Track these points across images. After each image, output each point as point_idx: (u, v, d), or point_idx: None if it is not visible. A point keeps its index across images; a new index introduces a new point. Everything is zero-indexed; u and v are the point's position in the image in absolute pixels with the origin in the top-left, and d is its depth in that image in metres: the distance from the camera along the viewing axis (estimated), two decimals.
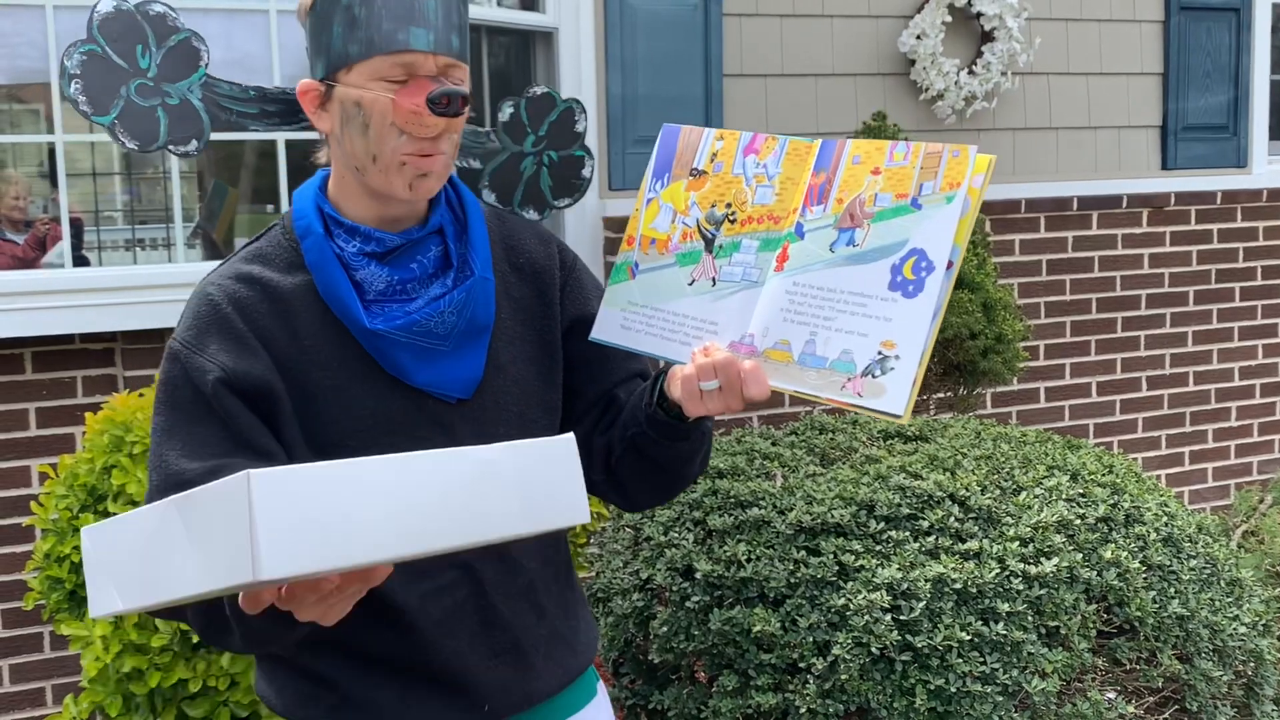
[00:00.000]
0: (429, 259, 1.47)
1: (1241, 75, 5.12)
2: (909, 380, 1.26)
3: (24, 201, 5.22)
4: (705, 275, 1.42)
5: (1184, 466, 5.25)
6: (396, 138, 1.38)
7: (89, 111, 1.87)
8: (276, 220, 1.53)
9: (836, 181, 1.35)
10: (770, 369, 1.34)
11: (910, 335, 1.26)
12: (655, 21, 4.13)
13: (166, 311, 3.51)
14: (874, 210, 1.31)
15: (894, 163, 1.32)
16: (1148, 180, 5.01)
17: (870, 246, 1.31)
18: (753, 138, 1.42)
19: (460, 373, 1.47)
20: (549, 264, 1.58)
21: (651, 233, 1.47)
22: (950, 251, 1.27)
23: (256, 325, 1.41)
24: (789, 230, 1.37)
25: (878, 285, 1.29)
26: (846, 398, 1.29)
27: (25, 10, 3.63)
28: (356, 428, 1.42)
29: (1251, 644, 2.71)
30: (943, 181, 1.28)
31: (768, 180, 1.40)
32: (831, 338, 1.31)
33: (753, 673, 2.47)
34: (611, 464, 1.57)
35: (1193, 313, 5.19)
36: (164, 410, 1.41)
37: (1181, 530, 2.81)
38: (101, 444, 2.53)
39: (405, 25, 1.36)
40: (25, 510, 3.46)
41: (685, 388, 1.38)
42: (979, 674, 2.36)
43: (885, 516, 2.59)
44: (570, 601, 1.62)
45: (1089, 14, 4.85)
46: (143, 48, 1.89)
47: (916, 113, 4.55)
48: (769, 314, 1.35)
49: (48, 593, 2.52)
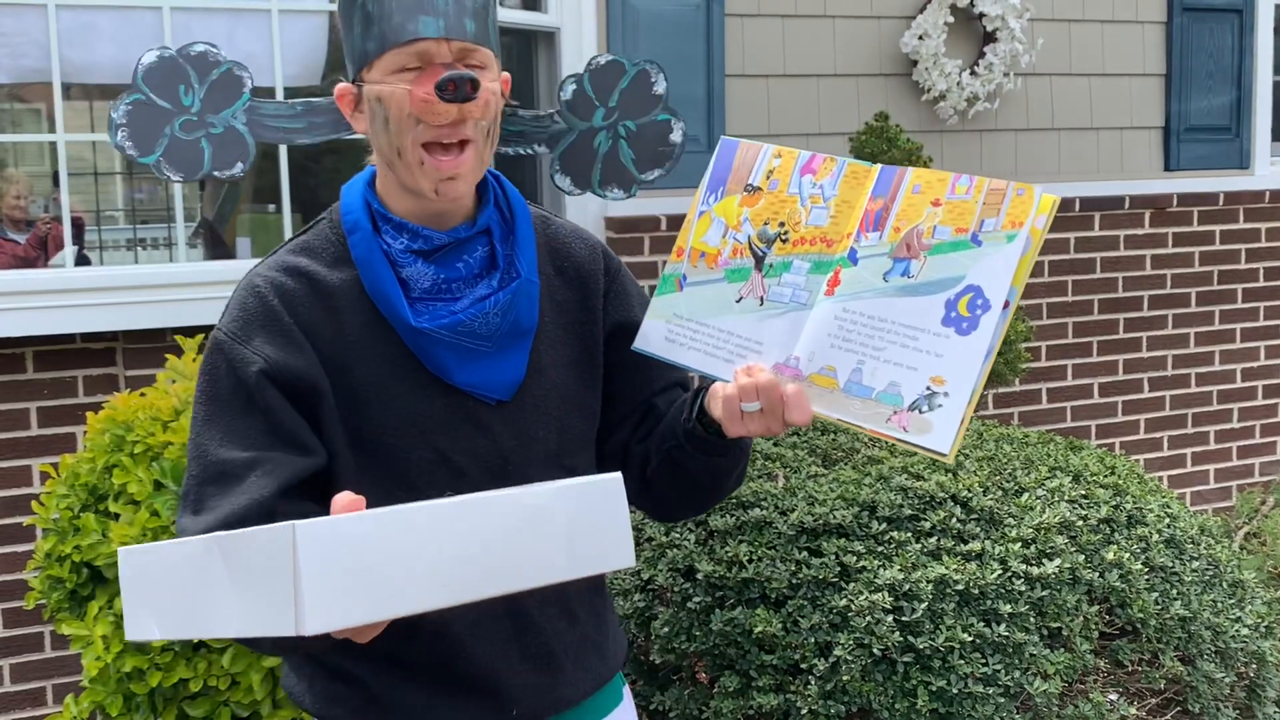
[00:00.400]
0: (475, 259, 1.46)
1: (1244, 76, 5.11)
2: (957, 419, 1.24)
3: (25, 201, 5.22)
4: (753, 293, 1.39)
5: (1186, 468, 5.25)
6: (414, 127, 1.37)
7: (134, 155, 1.97)
8: (324, 214, 1.52)
9: (895, 209, 1.32)
10: (814, 394, 1.32)
11: (961, 373, 1.24)
12: (657, 22, 4.13)
13: (168, 311, 3.51)
14: (932, 242, 1.29)
15: (955, 195, 1.30)
16: (1150, 181, 5.01)
17: (925, 279, 1.29)
18: (811, 157, 1.40)
19: (502, 375, 1.46)
20: (594, 269, 1.57)
21: (702, 246, 1.44)
22: (1008, 292, 1.25)
23: (301, 319, 1.41)
24: (842, 255, 1.34)
25: (931, 319, 1.27)
26: (891, 431, 1.27)
27: (27, 9, 3.62)
28: (397, 425, 1.43)
29: (1254, 646, 2.71)
30: (1005, 220, 1.26)
31: (823, 201, 1.37)
32: (879, 368, 1.29)
33: (754, 674, 2.46)
34: (647, 474, 1.57)
35: (1195, 314, 5.19)
36: (205, 401, 1.41)
37: (1184, 532, 2.81)
38: (103, 443, 2.53)
39: (414, 15, 1.36)
40: (26, 510, 3.45)
41: (726, 408, 1.36)
42: (981, 675, 2.36)
43: (887, 517, 2.59)
44: (600, 608, 1.62)
45: (1091, 15, 4.85)
46: (185, 87, 1.97)
47: (918, 113, 4.54)
48: (816, 338, 1.33)
49: (48, 592, 2.51)
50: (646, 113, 2.12)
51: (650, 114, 2.12)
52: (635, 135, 2.13)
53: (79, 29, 3.74)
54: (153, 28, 3.72)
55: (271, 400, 1.38)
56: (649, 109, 2.11)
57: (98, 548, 2.38)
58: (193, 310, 3.52)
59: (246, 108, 1.97)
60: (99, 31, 3.79)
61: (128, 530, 2.31)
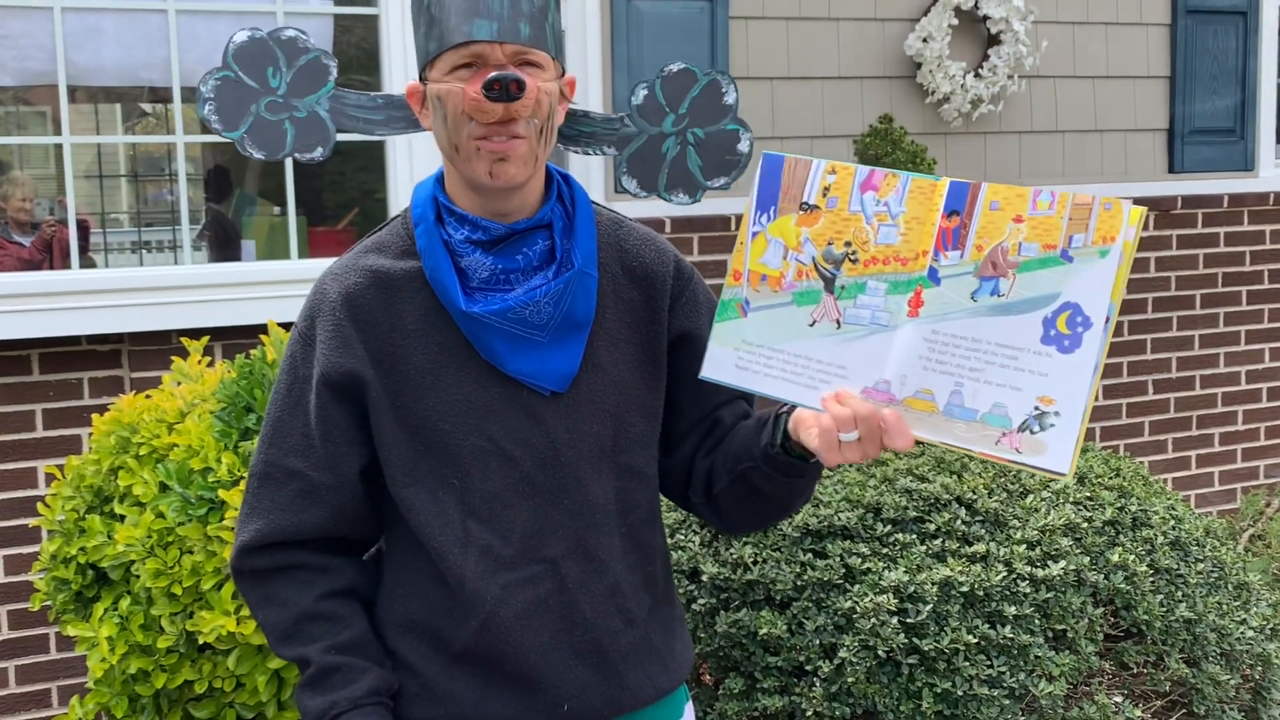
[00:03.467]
0: (535, 252, 1.50)
1: (1248, 79, 5.11)
2: (1073, 438, 1.23)
3: (31, 204, 5.23)
4: (828, 316, 1.37)
5: (1191, 470, 5.24)
6: (467, 124, 1.42)
7: (220, 128, 2.02)
8: (399, 212, 1.59)
9: (974, 227, 1.30)
10: (912, 418, 1.31)
11: (1071, 392, 1.24)
12: (661, 24, 4.14)
13: (173, 313, 3.52)
14: (1019, 260, 1.28)
15: (1038, 211, 1.28)
16: (1154, 183, 5.01)
17: (1017, 297, 1.27)
18: (870, 173, 1.37)
19: (555, 365, 1.48)
20: (662, 271, 1.58)
21: (761, 268, 1.41)
22: (1107, 308, 1.24)
23: (359, 315, 1.48)
24: (920, 274, 1.32)
25: (1029, 338, 1.26)
26: (1003, 453, 1.27)
27: (33, 12, 3.63)
28: (450, 411, 1.47)
29: (1259, 648, 2.71)
30: (1095, 235, 1.25)
31: (891, 219, 1.35)
32: (980, 390, 1.28)
33: (759, 675, 2.46)
34: (714, 492, 1.58)
35: (1199, 316, 5.19)
36: (275, 390, 1.55)
37: (1189, 534, 2.81)
38: (108, 445, 2.53)
39: (470, 18, 1.41)
40: (32, 511, 3.46)
41: (824, 439, 1.35)
42: (986, 677, 2.36)
43: (892, 519, 2.59)
44: (668, 617, 1.62)
45: (1095, 17, 4.85)
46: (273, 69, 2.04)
47: (923, 116, 4.54)
48: (906, 361, 1.32)
49: (54, 594, 2.52)
50: (716, 121, 2.15)
51: (720, 123, 2.15)
52: (703, 143, 2.16)
53: (85, 32, 3.75)
54: (158, 31, 3.73)
55: (324, 401, 1.48)
56: (719, 118, 2.15)
57: (103, 549, 2.39)
58: (198, 312, 3.53)
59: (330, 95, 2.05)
60: (104, 35, 3.80)
61: (133, 532, 2.32)
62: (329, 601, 1.50)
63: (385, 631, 1.54)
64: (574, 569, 1.50)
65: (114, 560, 2.37)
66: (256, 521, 1.51)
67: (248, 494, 1.54)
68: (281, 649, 1.50)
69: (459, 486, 1.47)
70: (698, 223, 4.16)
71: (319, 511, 1.50)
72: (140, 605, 2.35)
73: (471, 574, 1.46)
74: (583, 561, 1.51)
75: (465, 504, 1.47)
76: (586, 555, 1.51)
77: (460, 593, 1.47)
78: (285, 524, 1.50)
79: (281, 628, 1.50)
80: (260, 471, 1.52)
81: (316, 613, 1.49)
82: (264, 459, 1.52)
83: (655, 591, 1.60)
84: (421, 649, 1.51)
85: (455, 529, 1.47)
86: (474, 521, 1.47)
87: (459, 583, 1.46)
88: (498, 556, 1.47)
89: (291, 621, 1.50)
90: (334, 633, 1.49)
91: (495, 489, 1.47)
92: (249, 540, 1.51)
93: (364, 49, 4.83)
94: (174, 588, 2.29)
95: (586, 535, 1.50)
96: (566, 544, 1.49)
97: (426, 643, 1.51)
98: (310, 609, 1.49)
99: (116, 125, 6.99)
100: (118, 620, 2.35)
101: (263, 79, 1.99)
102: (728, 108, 2.14)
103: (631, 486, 1.55)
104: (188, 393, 2.59)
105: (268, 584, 1.52)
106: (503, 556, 1.47)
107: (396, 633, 1.53)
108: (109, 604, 2.40)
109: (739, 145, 2.15)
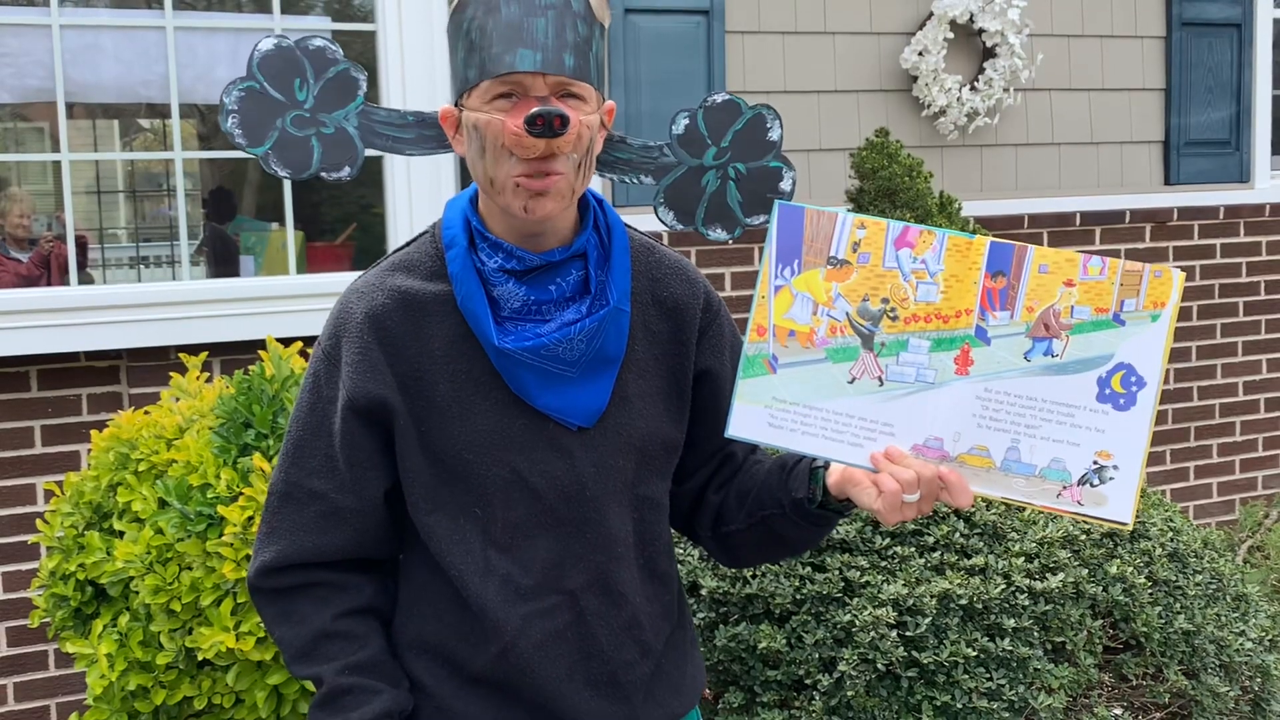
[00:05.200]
0: (568, 283, 1.47)
1: (1243, 90, 5.13)
2: (1132, 490, 1.32)
3: (29, 220, 5.23)
4: (869, 374, 1.38)
5: (1189, 481, 5.24)
6: (508, 159, 1.39)
7: (244, 144, 1.92)
8: (428, 228, 1.55)
9: (1022, 289, 1.36)
10: (969, 474, 1.35)
11: (1129, 447, 1.32)
12: (658, 39, 4.15)
13: (171, 329, 3.52)
14: (1072, 322, 1.34)
15: (1089, 276, 1.35)
16: (1150, 195, 5.02)
17: (1071, 358, 1.34)
18: (905, 229, 1.38)
19: (584, 401, 1.46)
20: (692, 303, 1.56)
21: (788, 324, 1.40)
22: (1159, 368, 1.32)
23: (385, 337, 1.46)
24: (966, 332, 1.36)
25: (1085, 396, 1.33)
26: (1064, 505, 1.34)
27: (32, 29, 3.64)
28: (475, 441, 1.45)
29: (1258, 659, 2.71)
30: (1145, 300, 1.33)
31: (929, 277, 1.37)
32: (1037, 445, 1.34)
33: (759, 689, 2.46)
34: (724, 529, 1.58)
35: (1196, 327, 5.19)
36: (297, 407, 1.53)
37: (1187, 545, 2.81)
38: (107, 461, 2.53)
39: (514, 47, 1.36)
40: (31, 528, 3.46)
41: (888, 501, 1.35)
42: (985, 690, 2.36)
43: (891, 532, 2.59)
44: (680, 641, 1.62)
45: (1091, 30, 4.86)
46: (300, 81, 1.95)
47: (919, 129, 4.56)
48: (958, 418, 1.36)
49: (53, 610, 2.52)
50: (759, 157, 2.08)
51: (763, 159, 2.08)
52: (745, 178, 2.08)
53: (83, 49, 3.76)
54: (156, 48, 3.74)
55: (348, 423, 1.46)
56: (762, 154, 2.08)
57: (102, 566, 2.39)
58: (196, 328, 3.53)
59: (359, 111, 1.97)
60: (103, 51, 3.81)
61: (132, 548, 2.32)
62: (346, 620, 1.49)
63: (400, 651, 1.53)
64: (594, 602, 1.49)
65: (113, 577, 2.37)
66: (278, 542, 1.49)
67: (267, 513, 1.52)
68: (297, 667, 1.49)
69: (481, 516, 1.46)
70: (695, 236, 4.17)
71: (342, 534, 1.48)
72: (139, 622, 2.35)
73: (492, 603, 1.45)
74: (602, 595, 1.50)
75: (487, 533, 1.46)
76: (606, 588, 1.50)
77: (481, 620, 1.46)
78: (307, 545, 1.48)
79: (298, 645, 1.49)
80: (281, 491, 1.50)
81: (334, 631, 1.48)
82: (285, 478, 1.50)
83: (671, 619, 1.59)
84: (436, 670, 1.50)
85: (476, 557, 1.46)
86: (495, 551, 1.46)
87: (480, 610, 1.45)
88: (518, 586, 1.46)
89: (308, 639, 1.48)
90: (350, 652, 1.48)
91: (517, 520, 1.46)
92: (270, 560, 1.49)
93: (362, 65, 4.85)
94: (173, 604, 2.29)
95: (607, 568, 1.49)
96: (587, 577, 1.48)
97: (441, 665, 1.50)
98: (328, 627, 1.48)
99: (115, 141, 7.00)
100: (117, 637, 2.35)
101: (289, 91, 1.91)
102: (772, 144, 2.06)
103: (650, 518, 1.54)
104: (186, 409, 2.59)
105: (286, 601, 1.50)
106: (522, 587, 1.46)
107: (411, 653, 1.52)
108: (108, 620, 2.40)
109: (781, 184, 2.08)
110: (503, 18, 1.37)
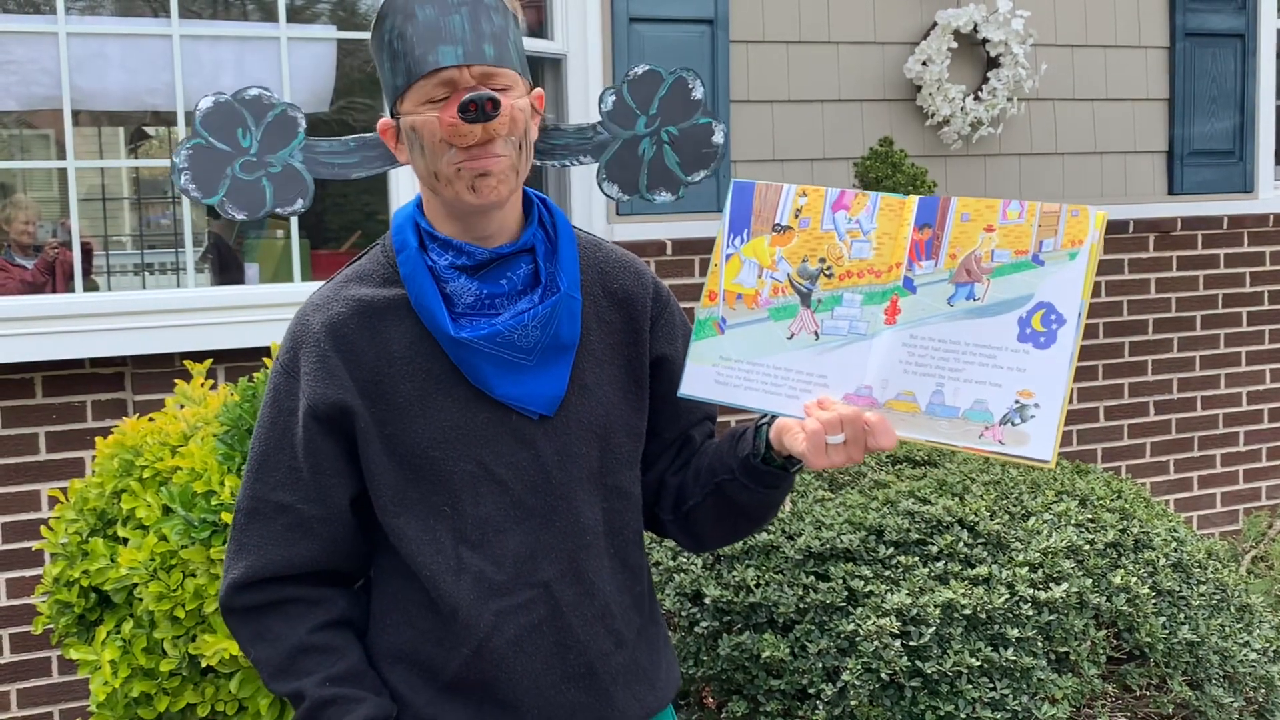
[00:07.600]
0: (518, 276, 1.51)
1: (1247, 101, 5.13)
2: (1053, 428, 1.32)
3: (34, 226, 5.24)
4: (806, 329, 1.43)
5: (1192, 491, 5.24)
6: (447, 150, 1.43)
7: (199, 196, 2.07)
8: (378, 241, 1.59)
9: (946, 238, 1.39)
10: (895, 419, 1.37)
11: (1049, 384, 1.33)
12: (662, 48, 4.16)
13: (176, 336, 3.53)
14: (993, 265, 1.36)
15: (1008, 221, 1.37)
16: (1154, 205, 5.02)
17: (992, 300, 1.36)
18: (841, 194, 1.45)
19: (543, 388, 1.50)
20: (641, 293, 1.61)
21: (736, 288, 1.47)
22: (1079, 305, 1.33)
23: (343, 345, 1.48)
24: (895, 284, 1.40)
25: (1006, 337, 1.35)
26: (986, 445, 1.34)
27: (38, 37, 3.66)
28: (439, 437, 1.47)
29: (1262, 670, 2.70)
30: (1064, 239, 1.35)
31: (863, 235, 1.42)
32: (961, 388, 1.35)
33: (762, 699, 2.46)
34: (684, 508, 1.60)
35: (1200, 337, 5.19)
36: (259, 424, 1.54)
37: (1191, 556, 2.81)
38: (111, 468, 2.54)
39: (435, 46, 1.42)
40: (35, 534, 3.46)
41: (811, 442, 1.38)
42: (989, 700, 2.35)
43: (894, 542, 2.59)
44: (654, 636, 1.63)
45: (1094, 40, 4.87)
46: (243, 130, 2.09)
47: (923, 138, 4.56)
48: (886, 366, 1.38)
49: (56, 617, 2.52)
50: (687, 117, 2.20)
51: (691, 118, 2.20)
52: (678, 140, 2.20)
53: (89, 57, 3.77)
54: (162, 56, 3.75)
55: (311, 434, 1.48)
56: (690, 114, 2.21)
57: (106, 573, 2.39)
58: (201, 335, 3.54)
59: (302, 146, 2.08)
60: (109, 59, 3.82)
61: (136, 555, 2.32)
62: (322, 634, 1.50)
63: (375, 663, 1.53)
64: (567, 592, 1.51)
65: (117, 583, 2.38)
66: (247, 558, 1.50)
67: (234, 531, 1.52)
68: (275, 685, 1.49)
69: (450, 513, 1.48)
70: (699, 245, 4.18)
71: (310, 545, 1.49)
72: (143, 628, 2.35)
73: (465, 601, 1.46)
74: (575, 584, 1.51)
75: (457, 531, 1.47)
76: (579, 578, 1.51)
77: (453, 621, 1.47)
78: (276, 558, 1.49)
79: (275, 663, 1.49)
80: (247, 508, 1.51)
81: (310, 645, 1.49)
82: (250, 494, 1.51)
83: (643, 611, 1.61)
84: (411, 680, 1.51)
85: (448, 556, 1.47)
86: (466, 548, 1.47)
87: (451, 611, 1.46)
88: (491, 582, 1.47)
89: (285, 656, 1.49)
90: (329, 664, 1.49)
91: (487, 514, 1.48)
92: (239, 577, 1.50)
93: (366, 72, 4.86)
94: (177, 611, 2.29)
95: (578, 557, 1.51)
96: (559, 567, 1.50)
97: (416, 673, 1.51)
98: (304, 642, 1.49)
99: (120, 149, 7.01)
100: (120, 643, 2.35)
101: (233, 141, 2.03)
102: (697, 103, 2.18)
103: (619, 507, 1.56)
104: (191, 416, 2.60)
105: (259, 620, 1.51)
106: (496, 582, 1.47)
107: (385, 663, 1.53)
108: (111, 627, 2.40)
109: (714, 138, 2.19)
110: (420, 21, 1.43)
